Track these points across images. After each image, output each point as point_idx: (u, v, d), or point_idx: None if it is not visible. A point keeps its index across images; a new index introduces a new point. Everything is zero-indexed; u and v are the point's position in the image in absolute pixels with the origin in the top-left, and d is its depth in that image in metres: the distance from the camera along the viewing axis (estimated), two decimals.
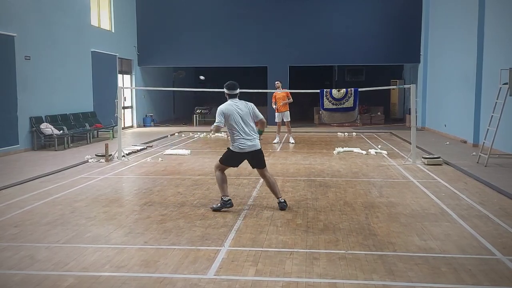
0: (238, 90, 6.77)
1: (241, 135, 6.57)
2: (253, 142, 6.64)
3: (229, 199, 6.70)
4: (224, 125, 6.61)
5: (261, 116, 6.85)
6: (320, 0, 20.44)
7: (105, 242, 5.37)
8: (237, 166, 7.01)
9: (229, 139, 6.79)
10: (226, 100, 6.76)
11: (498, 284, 4.19)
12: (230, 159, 6.76)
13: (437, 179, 8.91)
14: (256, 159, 6.75)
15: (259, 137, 6.94)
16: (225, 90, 6.79)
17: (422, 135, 16.07)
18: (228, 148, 6.77)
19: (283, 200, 6.78)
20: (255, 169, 6.88)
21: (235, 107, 6.63)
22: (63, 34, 14.96)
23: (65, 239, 5.47)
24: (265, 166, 6.83)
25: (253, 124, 6.73)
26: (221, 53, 20.97)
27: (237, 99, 6.76)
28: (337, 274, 4.39)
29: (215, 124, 6.60)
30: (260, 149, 6.75)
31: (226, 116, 6.58)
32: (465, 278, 4.31)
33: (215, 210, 6.64)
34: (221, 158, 6.84)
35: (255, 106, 6.84)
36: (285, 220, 6.19)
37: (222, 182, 6.70)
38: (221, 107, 6.65)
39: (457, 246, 5.15)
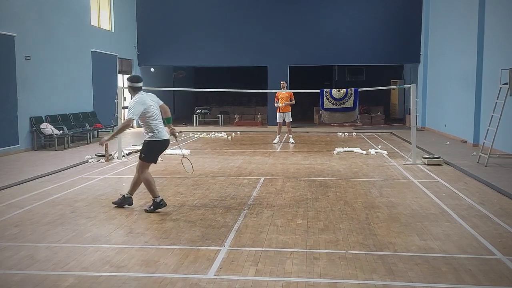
0: (142, 83, 6.88)
1: (160, 123, 6.72)
2: (165, 130, 6.85)
3: (162, 199, 6.65)
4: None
5: (161, 101, 6.97)
6: (320, 0, 20.43)
7: (105, 242, 5.37)
8: (156, 161, 6.92)
9: (145, 132, 6.75)
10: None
11: (498, 284, 4.19)
12: (153, 152, 6.75)
13: (437, 179, 8.91)
14: (164, 150, 7.00)
15: (172, 126, 7.04)
16: (129, 83, 6.82)
17: (422, 135, 16.07)
18: (147, 141, 6.69)
19: (159, 200, 6.65)
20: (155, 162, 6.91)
21: (147, 98, 6.74)
22: (63, 34, 14.96)
23: (65, 239, 5.47)
24: (141, 158, 6.84)
25: (160, 114, 6.88)
26: (221, 53, 20.97)
27: (143, 92, 6.84)
28: (337, 274, 4.39)
29: (130, 117, 6.56)
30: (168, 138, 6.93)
31: (145, 108, 6.58)
32: (465, 278, 4.31)
33: (148, 211, 6.57)
34: (142, 156, 6.73)
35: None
36: (285, 220, 6.19)
37: (150, 183, 6.64)
38: (137, 99, 6.62)
39: (457, 246, 5.15)
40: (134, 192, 6.93)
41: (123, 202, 6.87)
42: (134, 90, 6.79)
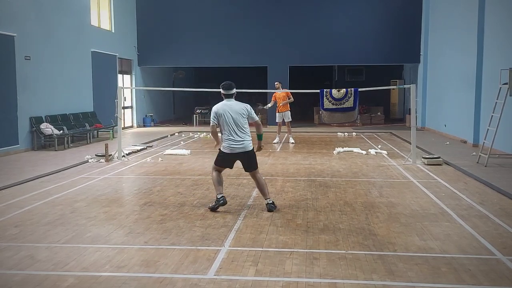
0: (235, 91, 6.77)
1: (230, 135, 6.57)
2: (243, 143, 6.59)
3: (222, 196, 6.66)
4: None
5: (257, 118, 6.83)
6: (320, 0, 20.43)
7: (105, 242, 5.37)
8: (231, 167, 6.94)
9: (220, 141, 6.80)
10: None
11: (498, 284, 4.19)
12: (222, 160, 6.77)
13: (437, 179, 8.91)
14: (247, 161, 6.73)
15: (261, 143, 6.94)
16: (221, 90, 6.79)
17: (422, 135, 16.07)
18: (219, 149, 6.80)
19: (271, 201, 6.69)
20: (247, 172, 6.87)
21: (227, 107, 6.63)
22: (63, 34, 14.96)
23: (65, 239, 5.47)
24: (256, 168, 6.81)
25: (246, 126, 6.67)
26: (221, 53, 20.97)
27: (233, 99, 6.75)
28: (337, 274, 4.39)
29: (211, 124, 6.72)
30: (252, 150, 6.72)
31: (218, 116, 6.61)
32: (465, 278, 4.31)
33: (211, 209, 6.65)
34: (215, 159, 6.89)
35: (251, 108, 6.82)
36: (285, 220, 6.19)
37: (217, 182, 6.72)
38: (215, 107, 6.69)
39: (457, 246, 5.16)
40: (267, 195, 6.75)
41: (271, 208, 6.63)
42: (224, 97, 6.74)
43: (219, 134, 6.84)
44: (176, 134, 18.01)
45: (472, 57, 13.65)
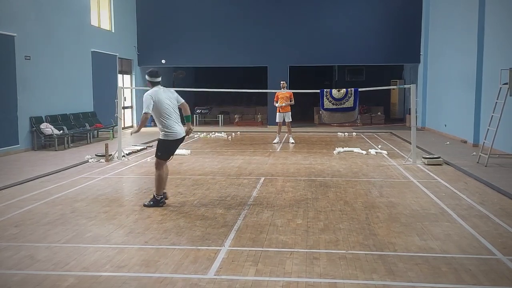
0: (161, 78, 6.83)
1: (173, 121, 6.62)
2: (182, 128, 6.81)
3: (162, 199, 6.72)
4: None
5: (182, 100, 6.94)
6: (320, 0, 20.44)
7: (105, 242, 5.37)
8: (173, 154, 6.96)
9: (159, 129, 6.76)
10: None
11: (498, 284, 4.19)
12: (168, 150, 6.75)
13: (437, 179, 8.91)
14: (177, 147, 6.92)
15: (190, 124, 7.07)
16: (147, 77, 6.82)
17: (422, 135, 16.07)
18: (160, 140, 6.72)
19: (158, 198, 6.77)
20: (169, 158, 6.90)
21: (163, 93, 6.68)
22: (63, 34, 14.96)
23: (65, 239, 5.47)
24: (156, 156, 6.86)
25: (177, 111, 6.82)
26: (221, 53, 20.96)
27: (161, 86, 6.80)
28: (337, 274, 4.39)
29: (143, 112, 6.59)
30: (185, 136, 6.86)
31: (155, 102, 6.54)
32: (465, 278, 4.31)
33: (146, 206, 6.72)
34: (158, 154, 6.80)
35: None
36: (285, 220, 6.19)
37: (162, 180, 6.71)
38: (148, 93, 6.63)
39: (457, 246, 5.15)
40: (162, 190, 6.87)
41: (156, 204, 6.78)
42: (152, 85, 6.80)
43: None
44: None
45: (472, 57, 13.65)
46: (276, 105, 14.75)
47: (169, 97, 6.72)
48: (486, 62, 13.17)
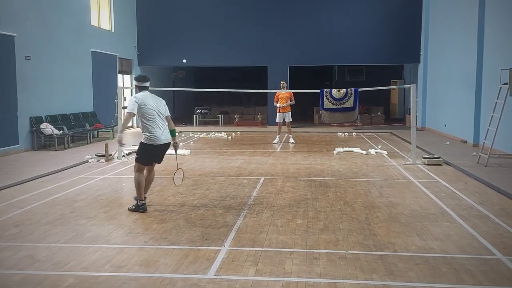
0: (149, 83, 6.80)
1: (157, 126, 6.53)
2: (167, 134, 6.67)
3: (144, 205, 6.65)
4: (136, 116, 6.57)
5: (168, 113, 6.82)
6: (320, 0, 20.43)
7: (105, 242, 5.36)
8: (159, 161, 6.88)
9: (142, 132, 6.68)
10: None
11: (498, 284, 4.19)
12: (147, 154, 6.66)
13: (437, 179, 8.91)
14: (163, 153, 6.79)
15: (175, 138, 6.93)
16: (135, 82, 6.82)
17: (422, 135, 16.07)
18: (141, 143, 6.65)
19: (144, 202, 6.69)
20: (157, 163, 6.85)
21: (151, 97, 6.65)
22: (63, 34, 14.96)
23: (65, 239, 5.46)
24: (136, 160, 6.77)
25: (164, 118, 6.71)
26: (221, 53, 20.97)
27: (148, 92, 6.76)
28: (337, 274, 4.38)
29: (127, 111, 6.57)
30: (170, 142, 6.77)
31: (140, 105, 6.50)
32: (465, 278, 4.31)
33: (129, 210, 6.66)
34: (136, 157, 6.74)
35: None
36: (285, 220, 6.19)
37: (139, 185, 6.65)
38: (135, 96, 6.63)
39: (457, 246, 5.15)
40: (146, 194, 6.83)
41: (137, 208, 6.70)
42: (139, 89, 6.77)
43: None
44: (176, 134, 17.97)
45: (472, 57, 13.65)
46: (277, 105, 14.74)
47: (155, 103, 6.64)
48: (486, 62, 13.17)
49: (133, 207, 6.71)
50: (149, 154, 6.69)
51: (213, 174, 9.49)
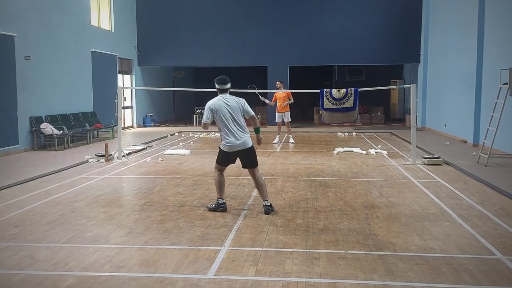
0: (229, 85, 6.63)
1: (229, 132, 6.39)
2: (243, 140, 6.41)
3: (224, 203, 6.62)
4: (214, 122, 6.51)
5: (252, 113, 6.62)
6: (320, 0, 20.44)
7: (105, 242, 5.36)
8: (234, 162, 6.76)
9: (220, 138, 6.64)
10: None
11: (498, 284, 4.19)
12: (223, 158, 6.62)
13: (437, 179, 8.91)
14: (247, 157, 6.55)
15: (259, 136, 6.85)
16: (216, 84, 6.63)
17: (422, 135, 16.07)
18: (219, 147, 6.67)
19: (269, 204, 6.51)
20: (246, 168, 6.71)
21: (224, 102, 6.46)
22: (63, 34, 14.96)
23: (65, 239, 5.47)
24: (257, 165, 6.62)
25: (243, 121, 6.51)
26: (221, 53, 20.97)
27: (228, 94, 6.58)
28: (337, 274, 4.39)
29: (202, 121, 6.55)
30: (251, 147, 6.54)
31: (214, 112, 6.43)
32: (465, 278, 4.31)
33: (210, 210, 6.62)
34: (217, 158, 6.75)
35: (246, 102, 6.64)
36: (285, 220, 6.19)
37: (219, 184, 6.62)
38: (209, 103, 6.53)
39: (457, 246, 5.15)
40: (266, 197, 6.58)
41: (268, 211, 6.47)
42: (219, 92, 6.59)
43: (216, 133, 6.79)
44: (176, 134, 18.00)
45: (472, 57, 13.65)
46: (267, 101, 14.99)
47: (230, 107, 6.43)
48: (486, 62, 13.17)
49: (214, 205, 6.64)
50: (224, 159, 6.60)
51: (213, 174, 9.46)
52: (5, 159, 11.61)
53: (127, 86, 20.25)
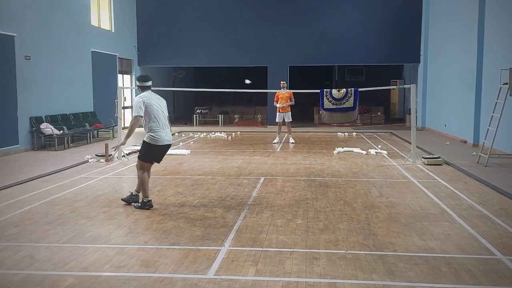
0: (151, 82, 6.85)
1: (162, 126, 6.59)
2: (170, 135, 6.76)
3: (149, 201, 6.73)
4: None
5: (167, 114, 6.88)
6: (320, 0, 20.44)
7: (105, 242, 5.36)
8: (159, 161, 6.96)
9: (145, 131, 6.72)
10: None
11: (498, 284, 4.19)
12: (151, 153, 6.72)
13: (437, 179, 8.91)
14: (164, 154, 6.88)
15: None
16: (137, 82, 6.86)
17: (422, 135, 16.07)
18: (144, 142, 6.69)
19: (150, 199, 6.75)
20: (156, 162, 6.95)
21: (155, 98, 6.70)
22: (63, 34, 14.96)
23: (65, 239, 5.46)
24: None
25: (167, 118, 6.78)
26: (221, 53, 20.96)
27: (151, 92, 6.81)
28: (337, 274, 4.38)
29: (135, 115, 6.60)
30: (171, 144, 6.86)
31: (147, 105, 6.55)
32: (465, 278, 4.31)
33: (137, 208, 6.72)
34: (139, 155, 6.80)
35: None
36: (285, 220, 6.19)
37: (144, 182, 6.71)
38: (140, 97, 6.66)
39: (457, 246, 5.15)
40: (140, 191, 6.88)
41: (130, 199, 6.92)
42: (142, 89, 6.83)
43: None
44: (176, 134, 17.99)
45: (472, 57, 13.65)
46: (277, 105, 14.74)
47: (159, 103, 6.71)
48: (486, 62, 13.17)
49: (139, 205, 6.75)
50: (151, 153, 6.76)
51: (213, 174, 9.49)
52: (5, 159, 11.61)
53: (127, 86, 20.25)
